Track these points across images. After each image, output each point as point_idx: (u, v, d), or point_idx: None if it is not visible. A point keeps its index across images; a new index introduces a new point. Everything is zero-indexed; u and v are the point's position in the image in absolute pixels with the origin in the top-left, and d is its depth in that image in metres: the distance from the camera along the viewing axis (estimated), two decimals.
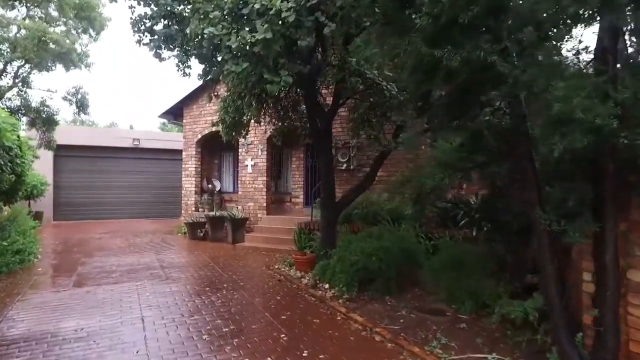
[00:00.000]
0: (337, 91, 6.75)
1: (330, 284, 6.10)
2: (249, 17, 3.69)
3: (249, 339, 4.23)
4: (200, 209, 12.24)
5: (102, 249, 9.54)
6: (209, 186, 12.71)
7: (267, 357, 3.78)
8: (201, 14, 3.98)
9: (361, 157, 9.68)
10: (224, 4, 3.92)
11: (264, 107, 6.91)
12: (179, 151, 12.98)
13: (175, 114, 13.02)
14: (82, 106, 11.19)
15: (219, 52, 3.90)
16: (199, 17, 4.00)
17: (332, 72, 6.16)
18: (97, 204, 16.00)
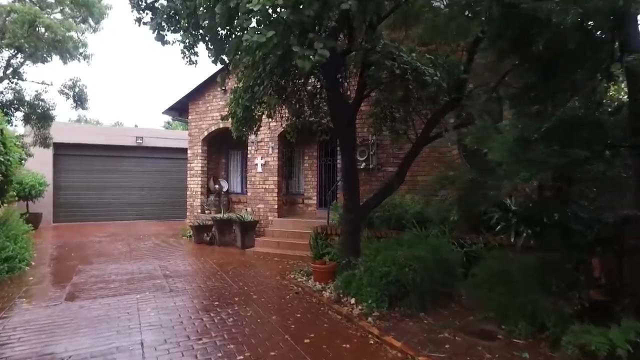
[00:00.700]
0: (362, 81, 6.00)
1: (356, 299, 5.35)
2: None
3: None
4: (206, 211, 11.53)
5: (102, 255, 8.84)
6: (216, 187, 11.99)
7: None
8: None
9: (381, 155, 8.92)
10: None
11: (284, 96, 6.16)
12: (185, 150, 12.28)
13: (180, 110, 12.32)
14: (79, 100, 10.45)
15: (236, 19, 3.17)
16: None
17: (360, 56, 5.40)
18: (98, 205, 15.34)
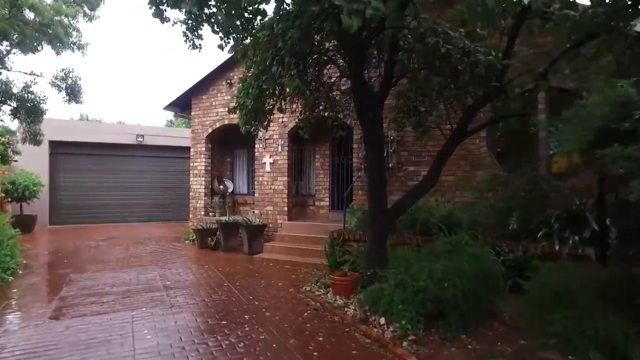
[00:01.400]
0: (388, 68, 5.25)
1: (386, 318, 4.60)
2: None
3: None
4: (210, 213, 10.80)
5: (97, 261, 8.12)
6: (221, 187, 11.26)
7: None
8: None
9: (402, 153, 8.16)
10: None
11: (307, 76, 5.44)
12: (187, 148, 11.56)
13: (182, 106, 11.59)
14: (73, 93, 9.67)
15: None
16: None
17: (388, 38, 4.65)
18: (97, 207, 14.63)
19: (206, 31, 6.09)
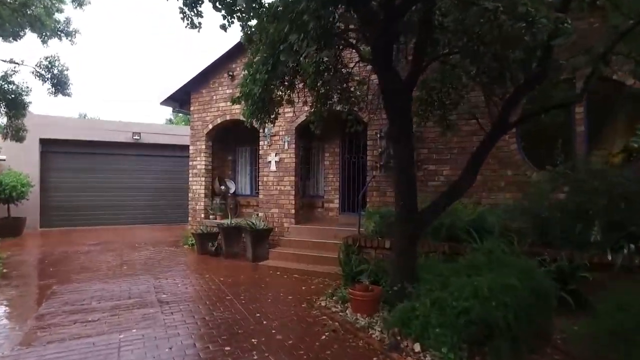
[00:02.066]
0: (420, 48, 4.51)
1: (421, 345, 3.85)
2: None
3: None
4: (211, 216, 10.04)
5: (86, 270, 7.37)
6: (222, 188, 10.51)
7: None
8: None
9: (421, 150, 7.42)
10: None
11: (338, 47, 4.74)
12: (186, 147, 10.80)
13: (181, 102, 10.84)
14: (59, 84, 8.83)
15: None
16: None
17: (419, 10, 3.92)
18: (91, 208, 13.86)
19: (207, 8, 5.37)
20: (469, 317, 3.71)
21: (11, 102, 8.26)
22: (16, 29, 7.93)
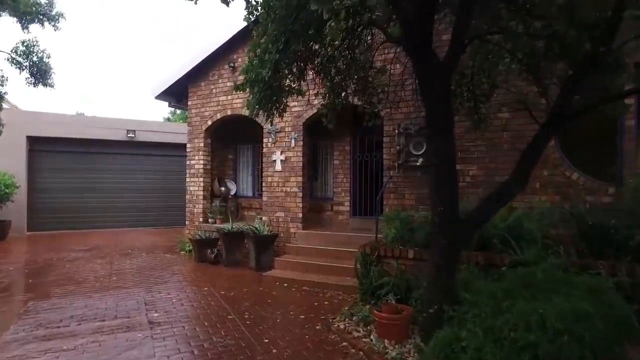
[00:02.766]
0: (461, 21, 3.75)
1: None
2: None
3: None
4: (210, 219, 9.26)
5: (70, 281, 6.58)
6: (222, 189, 9.73)
7: None
8: None
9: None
10: None
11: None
12: (184, 145, 10.00)
13: (177, 96, 10.04)
14: (39, 72, 7.98)
15: None
16: None
17: None
18: (82, 210, 13.03)
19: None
20: (535, 352, 2.96)
21: None
22: None
